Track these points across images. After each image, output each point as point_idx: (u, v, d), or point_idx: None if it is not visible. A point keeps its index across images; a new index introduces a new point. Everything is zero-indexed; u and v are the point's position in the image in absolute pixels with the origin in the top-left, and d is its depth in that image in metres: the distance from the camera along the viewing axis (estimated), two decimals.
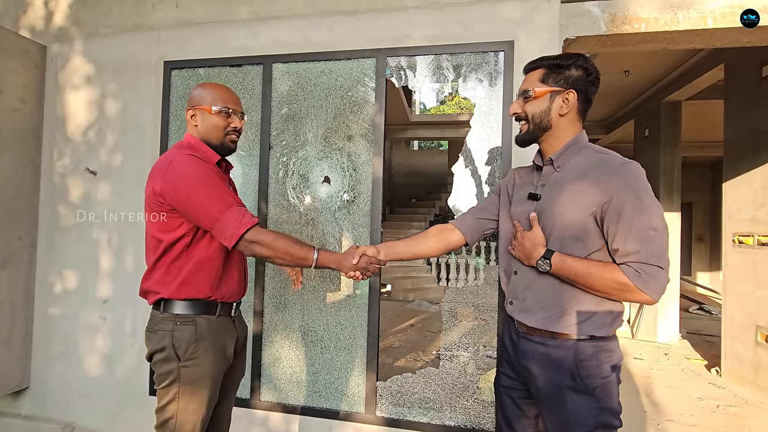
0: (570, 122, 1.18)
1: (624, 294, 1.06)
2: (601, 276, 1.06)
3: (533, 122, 1.20)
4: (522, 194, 1.27)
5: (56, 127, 2.53)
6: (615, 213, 1.05)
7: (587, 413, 1.08)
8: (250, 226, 1.21)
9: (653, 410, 3.02)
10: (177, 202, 1.22)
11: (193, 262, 1.28)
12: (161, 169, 1.25)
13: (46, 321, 2.51)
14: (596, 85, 1.18)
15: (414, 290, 7.31)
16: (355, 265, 1.35)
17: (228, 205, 1.22)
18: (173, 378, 1.25)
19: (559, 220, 1.13)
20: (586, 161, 1.14)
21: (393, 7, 2.12)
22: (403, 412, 2.09)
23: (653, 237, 1.02)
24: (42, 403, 2.50)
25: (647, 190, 1.05)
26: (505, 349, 1.31)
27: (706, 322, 5.99)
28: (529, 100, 1.19)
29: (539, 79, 1.18)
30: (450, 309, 2.34)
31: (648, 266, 1.02)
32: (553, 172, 1.20)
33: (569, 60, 1.16)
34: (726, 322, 3.70)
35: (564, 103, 1.16)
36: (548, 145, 1.21)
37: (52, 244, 2.52)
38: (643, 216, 1.03)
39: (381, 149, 2.12)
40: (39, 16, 2.60)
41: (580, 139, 1.19)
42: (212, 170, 1.29)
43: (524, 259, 1.17)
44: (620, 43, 2.06)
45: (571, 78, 1.15)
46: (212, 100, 1.34)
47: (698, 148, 7.28)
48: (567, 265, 1.09)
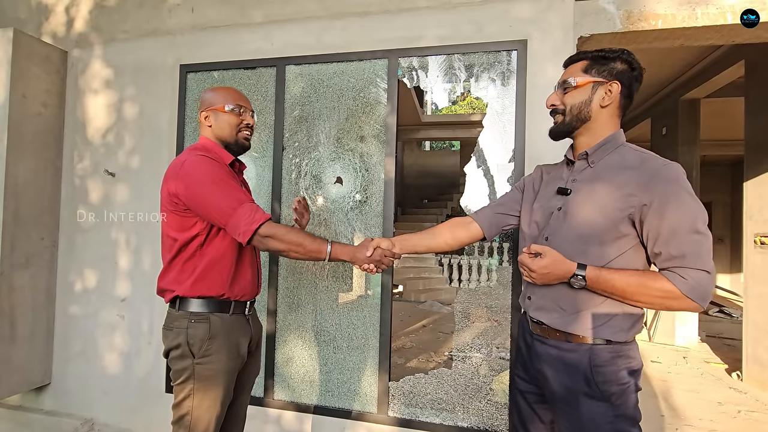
0: (610, 116, 1.14)
1: (669, 302, 1.00)
2: (643, 285, 1.00)
3: (571, 113, 1.15)
4: (550, 189, 1.23)
5: (76, 131, 2.60)
6: (657, 215, 1.00)
7: (603, 420, 1.05)
8: (262, 221, 1.23)
9: (671, 414, 2.96)
10: (191, 202, 1.25)
11: (207, 260, 1.31)
12: (175, 171, 1.28)
13: (66, 319, 2.58)
14: (639, 81, 1.14)
15: (426, 291, 7.29)
16: (369, 257, 1.35)
17: (240, 201, 1.24)
18: (188, 375, 1.27)
19: (588, 217, 1.08)
20: (624, 160, 1.10)
21: (405, 8, 2.13)
22: (416, 413, 2.09)
23: (698, 241, 0.97)
24: (63, 399, 2.57)
25: (690, 192, 1.01)
26: (519, 352, 1.29)
27: (726, 325, 5.83)
28: (569, 90, 1.15)
29: (582, 70, 1.14)
30: (462, 310, 2.33)
31: (694, 271, 0.97)
32: (586, 168, 1.16)
33: (615, 53, 1.12)
34: (747, 325, 3.60)
35: (607, 94, 1.12)
36: (584, 139, 1.17)
37: (72, 244, 2.58)
38: (687, 219, 0.98)
39: (393, 150, 2.13)
40: (60, 23, 2.68)
41: (618, 137, 1.14)
42: (224, 169, 1.32)
43: (555, 281, 1.10)
44: (636, 40, 2.03)
45: (615, 70, 1.12)
46: (224, 100, 1.40)
47: (718, 146, 7.11)
48: (603, 278, 1.03)
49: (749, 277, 3.61)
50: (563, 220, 1.14)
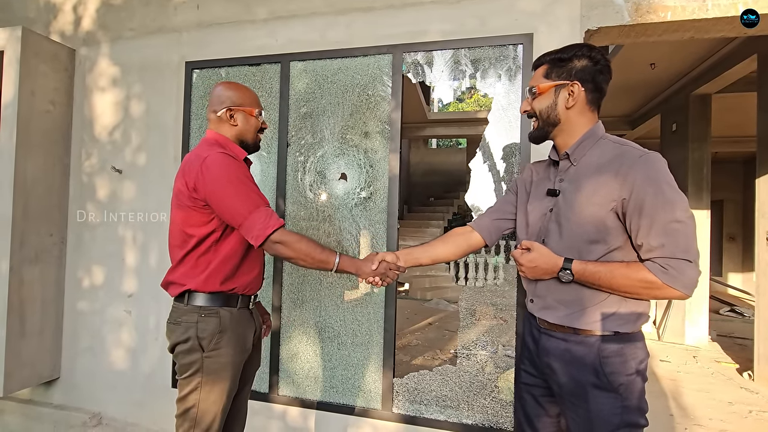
0: (580, 114, 1.15)
1: (653, 292, 1.02)
2: (626, 277, 1.03)
3: (542, 118, 1.18)
4: (540, 190, 1.25)
5: (84, 128, 2.63)
6: (637, 207, 1.02)
7: (611, 411, 1.05)
8: (276, 228, 1.25)
9: (680, 414, 2.92)
10: (210, 198, 1.26)
11: (221, 256, 1.32)
12: (195, 166, 1.27)
13: (74, 314, 2.61)
14: (605, 73, 1.14)
15: (432, 289, 7.28)
16: (374, 270, 1.39)
17: (257, 205, 1.26)
18: (196, 368, 1.28)
19: (578, 216, 1.10)
20: (604, 154, 1.11)
21: (409, 3, 2.11)
22: (420, 410, 2.08)
23: (678, 230, 0.99)
24: (71, 394, 2.60)
25: (669, 181, 1.02)
26: (526, 346, 1.29)
27: (737, 324, 5.74)
28: (535, 96, 1.18)
29: (543, 75, 1.17)
30: (467, 307, 2.31)
31: (675, 260, 0.98)
32: (570, 166, 1.17)
33: (571, 51, 1.13)
34: (759, 324, 3.53)
35: (570, 95, 1.13)
36: (562, 140, 1.19)
37: (80, 240, 2.61)
38: (665, 208, 0.99)
39: (398, 146, 2.12)
40: (68, 21, 2.70)
41: (596, 131, 1.15)
42: (243, 168, 1.35)
43: (544, 275, 1.15)
44: (645, 33, 1.99)
45: (574, 69, 1.13)
46: (252, 102, 1.44)
47: (730, 143, 6.99)
48: (589, 271, 1.06)
49: (761, 275, 3.54)
50: (556, 222, 1.16)
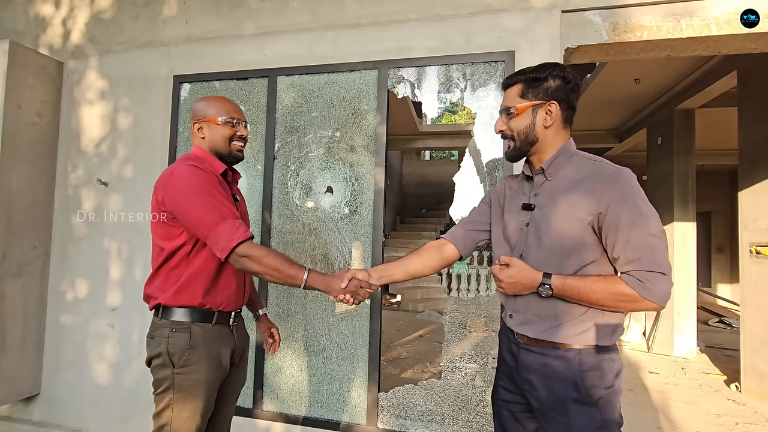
0: (556, 132, 1.17)
1: (630, 305, 1.04)
2: (605, 290, 1.05)
3: (519, 138, 1.19)
4: (515, 204, 1.25)
5: (71, 141, 2.62)
6: (613, 222, 1.04)
7: (590, 426, 1.06)
8: (241, 240, 1.21)
9: (669, 427, 2.92)
10: (176, 211, 1.26)
11: (191, 270, 1.30)
12: (164, 180, 1.29)
13: (57, 328, 2.57)
14: (576, 91, 1.17)
15: (424, 300, 7.26)
16: (344, 288, 1.33)
17: (223, 216, 1.23)
18: (168, 384, 1.27)
19: (555, 230, 1.11)
20: (579, 170, 1.14)
21: (395, 20, 2.15)
22: (406, 425, 2.07)
23: (653, 244, 1.01)
24: (52, 410, 2.55)
25: (642, 197, 1.05)
26: (504, 362, 1.28)
27: (726, 335, 5.78)
28: (512, 116, 1.19)
29: (518, 95, 1.18)
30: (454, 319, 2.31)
31: (650, 273, 1.01)
32: (545, 181, 1.19)
33: (546, 71, 1.15)
34: (745, 335, 3.57)
35: (547, 115, 1.15)
36: (537, 157, 1.20)
37: (64, 253, 2.59)
38: (641, 224, 1.02)
39: (383, 160, 2.14)
40: (57, 35, 2.72)
41: (569, 147, 1.18)
42: (211, 181, 1.31)
43: (524, 290, 1.14)
44: (623, 51, 2.04)
45: (550, 89, 1.15)
46: (217, 111, 1.39)
47: (716, 156, 7.12)
48: (569, 285, 1.07)
49: (746, 287, 3.59)
50: (533, 236, 1.17)
